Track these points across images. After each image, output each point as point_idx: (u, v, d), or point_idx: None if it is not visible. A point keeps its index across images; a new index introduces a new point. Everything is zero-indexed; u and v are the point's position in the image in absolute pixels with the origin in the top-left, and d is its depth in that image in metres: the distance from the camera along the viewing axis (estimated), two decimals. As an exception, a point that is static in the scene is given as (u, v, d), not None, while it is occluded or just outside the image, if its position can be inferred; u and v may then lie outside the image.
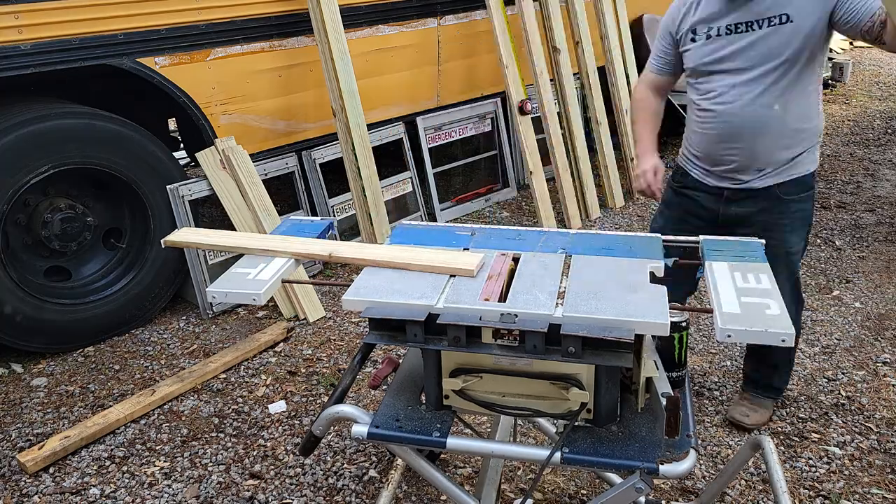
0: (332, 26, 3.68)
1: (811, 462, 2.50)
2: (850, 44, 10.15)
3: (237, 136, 3.66)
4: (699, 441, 2.50)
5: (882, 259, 4.07)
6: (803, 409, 2.78)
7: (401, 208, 4.44)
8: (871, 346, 3.21)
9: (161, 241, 1.94)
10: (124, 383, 3.07)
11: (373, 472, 2.49)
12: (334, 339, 3.38)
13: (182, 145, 4.48)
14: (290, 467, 2.53)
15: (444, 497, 2.34)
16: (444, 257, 1.68)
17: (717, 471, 2.45)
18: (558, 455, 1.44)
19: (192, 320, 3.59)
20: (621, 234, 1.86)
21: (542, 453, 1.46)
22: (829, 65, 8.31)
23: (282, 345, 3.34)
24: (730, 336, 1.39)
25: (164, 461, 2.59)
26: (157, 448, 2.66)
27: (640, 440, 1.47)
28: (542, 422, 2.14)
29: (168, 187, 3.46)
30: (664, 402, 1.42)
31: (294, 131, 3.96)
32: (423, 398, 1.63)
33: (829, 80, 8.04)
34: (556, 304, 1.47)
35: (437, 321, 1.44)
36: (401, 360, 1.83)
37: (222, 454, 2.61)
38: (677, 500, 2.29)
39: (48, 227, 3.24)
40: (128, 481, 2.50)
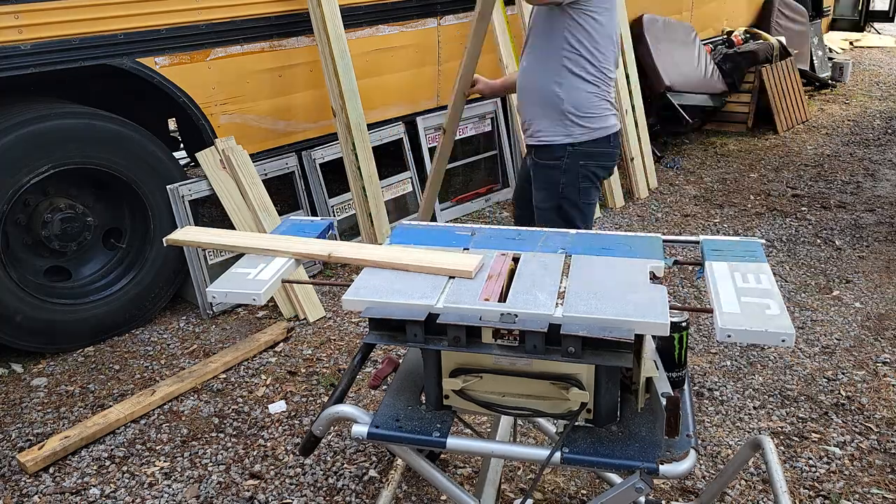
0: (333, 25, 3.68)
1: (811, 462, 2.50)
2: (850, 44, 10.15)
3: (237, 136, 3.66)
4: (699, 441, 2.50)
5: (882, 259, 4.07)
6: (803, 409, 2.78)
7: (401, 208, 4.44)
8: (871, 346, 3.21)
9: (163, 239, 1.94)
10: (124, 383, 3.07)
11: (373, 472, 2.49)
12: (334, 339, 3.38)
13: (182, 145, 4.47)
14: (290, 467, 2.53)
15: (444, 497, 2.34)
16: (444, 258, 1.68)
17: (717, 471, 2.45)
18: (558, 455, 1.44)
19: (192, 320, 3.59)
20: (621, 234, 1.86)
21: (542, 453, 1.46)
22: (830, 65, 8.31)
23: (282, 345, 3.34)
24: (730, 336, 1.40)
25: (164, 461, 2.59)
26: (157, 448, 2.66)
27: (640, 440, 1.47)
28: (542, 422, 2.14)
29: (168, 187, 3.46)
30: (664, 402, 1.42)
31: (294, 131, 3.96)
32: (423, 398, 1.63)
33: (830, 80, 8.04)
34: (556, 304, 1.47)
35: (437, 321, 1.44)
36: (401, 360, 1.83)
37: (222, 454, 2.61)
38: (677, 500, 2.29)
39: (48, 227, 3.24)
40: (128, 481, 2.50)
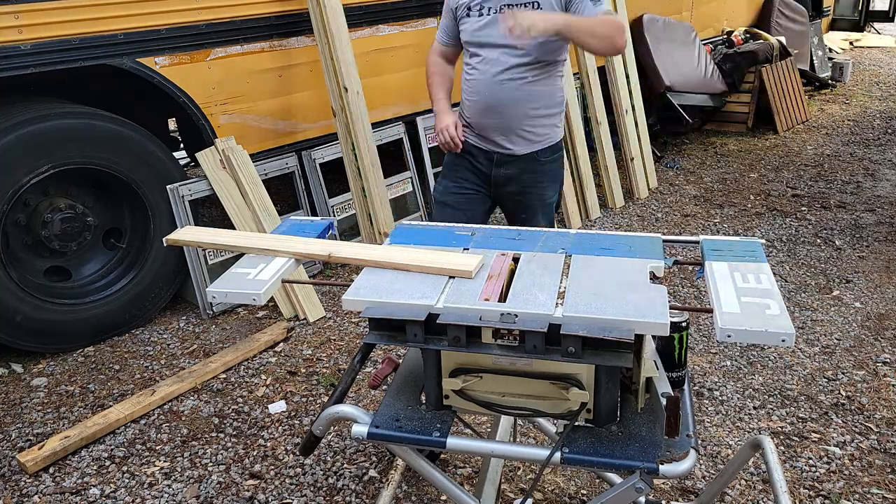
0: (335, 24, 3.68)
1: (811, 462, 2.50)
2: (850, 44, 10.15)
3: (237, 136, 3.66)
4: (699, 441, 2.50)
5: (882, 259, 4.07)
6: (803, 409, 2.78)
7: (401, 208, 4.44)
8: (871, 346, 3.21)
9: (163, 239, 1.94)
10: (124, 383, 3.07)
11: (373, 472, 2.49)
12: (334, 339, 3.38)
13: (182, 145, 4.48)
14: (290, 467, 2.53)
15: (444, 497, 2.34)
16: (444, 258, 1.67)
17: (717, 471, 2.45)
18: (558, 455, 1.44)
19: (192, 320, 3.59)
20: (621, 234, 1.86)
21: (542, 453, 1.45)
22: (830, 65, 8.31)
23: (282, 345, 3.34)
24: (730, 336, 1.39)
25: (164, 461, 2.59)
26: (157, 448, 2.66)
27: (640, 440, 1.47)
28: (542, 422, 2.14)
29: (168, 187, 3.46)
30: (664, 402, 1.42)
31: (294, 131, 3.96)
32: (423, 398, 1.63)
33: (830, 80, 8.04)
34: (556, 304, 1.47)
35: (437, 321, 1.44)
36: (401, 360, 1.83)
37: (222, 454, 2.61)
38: (677, 500, 2.29)
39: (48, 227, 3.24)
40: (128, 481, 2.50)
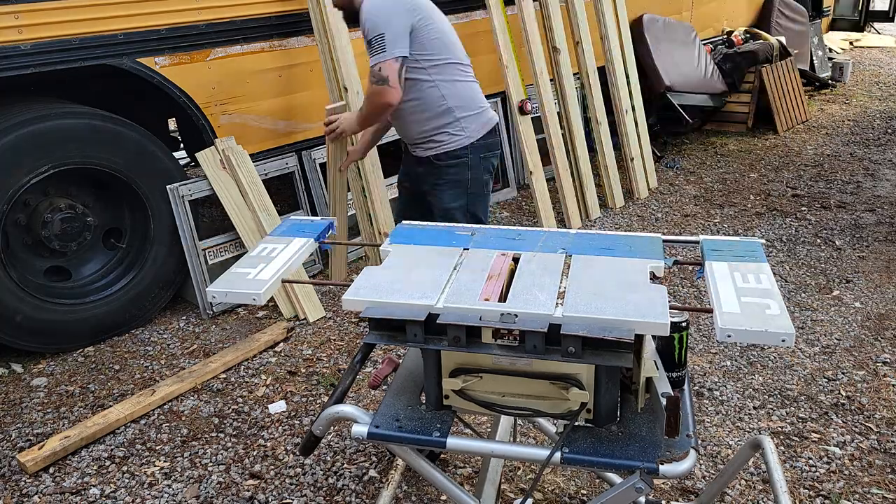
0: (335, 24, 3.66)
1: (811, 462, 2.50)
2: (850, 44, 10.15)
3: (237, 136, 3.66)
4: (699, 441, 2.50)
5: (882, 259, 4.07)
6: (803, 409, 2.78)
7: (401, 208, 4.43)
8: (871, 346, 3.21)
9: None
10: (124, 383, 3.07)
11: (373, 472, 2.49)
12: (334, 339, 3.38)
13: (182, 145, 4.47)
14: (290, 467, 2.53)
15: (444, 497, 2.34)
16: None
17: (717, 471, 2.45)
18: (558, 455, 1.44)
19: (192, 320, 3.59)
20: (621, 234, 1.86)
21: (542, 453, 1.45)
22: (830, 65, 8.31)
23: (282, 345, 3.34)
24: (730, 336, 1.39)
25: (164, 461, 2.59)
26: (157, 448, 2.66)
27: (640, 440, 1.47)
28: (542, 422, 2.14)
29: (168, 187, 3.46)
30: (664, 402, 1.42)
31: (294, 131, 3.96)
32: (423, 398, 1.63)
33: (830, 80, 8.04)
34: (556, 304, 1.47)
35: (437, 321, 1.44)
36: (401, 360, 1.83)
37: (222, 454, 2.61)
38: (677, 500, 2.29)
39: (48, 227, 3.24)
40: (128, 481, 2.50)
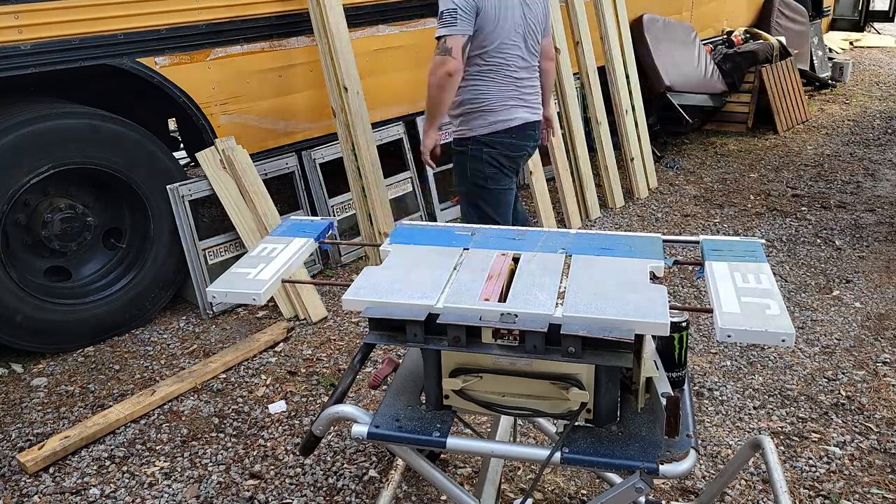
0: (335, 24, 3.67)
1: (811, 462, 2.50)
2: (850, 44, 10.15)
3: (237, 136, 3.66)
4: (699, 441, 2.50)
5: (882, 259, 4.07)
6: (803, 409, 2.78)
7: (401, 208, 4.44)
8: (871, 346, 3.21)
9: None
10: (124, 383, 3.07)
11: (373, 472, 2.49)
12: (334, 339, 3.38)
13: (182, 145, 4.47)
14: (290, 467, 2.53)
15: (444, 497, 2.34)
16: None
17: (717, 471, 2.45)
18: (558, 455, 1.44)
19: (192, 320, 3.59)
20: (621, 234, 1.86)
21: (542, 453, 1.45)
22: (830, 65, 8.31)
23: (282, 345, 3.34)
24: (730, 336, 1.39)
25: (164, 461, 2.59)
26: (157, 448, 2.66)
27: (640, 440, 1.47)
28: (542, 422, 2.14)
29: (168, 187, 3.46)
30: (664, 402, 1.42)
31: (294, 131, 3.96)
32: (423, 398, 1.63)
33: (830, 80, 8.04)
34: (556, 304, 1.47)
35: (437, 321, 1.44)
36: (401, 360, 1.83)
37: (222, 454, 2.61)
38: (677, 500, 2.29)
39: (48, 227, 3.24)
40: (128, 481, 2.50)
